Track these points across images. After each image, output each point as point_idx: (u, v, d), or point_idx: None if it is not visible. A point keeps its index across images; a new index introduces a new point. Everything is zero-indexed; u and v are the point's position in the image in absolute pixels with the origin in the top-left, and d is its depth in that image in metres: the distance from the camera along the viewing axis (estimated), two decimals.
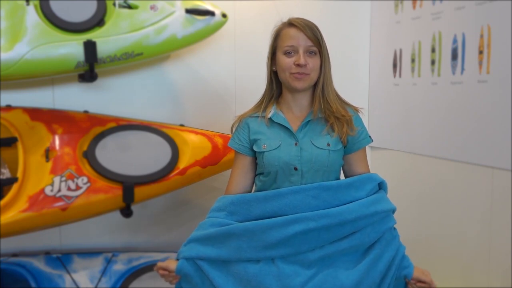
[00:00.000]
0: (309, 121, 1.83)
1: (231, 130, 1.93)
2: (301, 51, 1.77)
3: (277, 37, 1.84)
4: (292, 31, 1.79)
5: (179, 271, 1.80)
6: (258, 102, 1.92)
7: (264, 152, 1.82)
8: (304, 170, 1.77)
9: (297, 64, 1.77)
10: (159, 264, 1.82)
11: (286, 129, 1.83)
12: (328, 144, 1.79)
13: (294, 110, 1.85)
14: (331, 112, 1.81)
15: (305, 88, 1.82)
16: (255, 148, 1.85)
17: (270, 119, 1.85)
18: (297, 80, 1.78)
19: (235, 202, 1.82)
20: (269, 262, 1.75)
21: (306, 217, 1.71)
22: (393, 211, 1.84)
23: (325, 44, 1.82)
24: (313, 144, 1.79)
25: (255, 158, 1.88)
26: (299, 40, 1.77)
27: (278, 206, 1.75)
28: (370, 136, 1.88)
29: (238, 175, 1.90)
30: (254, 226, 1.75)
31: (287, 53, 1.79)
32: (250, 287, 1.74)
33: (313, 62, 1.78)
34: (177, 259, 1.82)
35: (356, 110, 1.88)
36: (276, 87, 1.89)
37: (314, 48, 1.79)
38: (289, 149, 1.79)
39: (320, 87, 1.82)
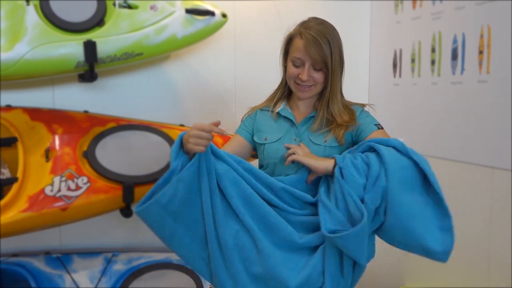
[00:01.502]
0: (312, 117, 1.85)
1: (242, 119, 1.96)
2: (306, 66, 1.78)
3: (289, 42, 1.83)
4: (302, 44, 1.77)
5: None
6: (271, 95, 1.94)
7: (264, 144, 1.86)
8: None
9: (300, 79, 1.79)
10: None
11: (290, 124, 1.86)
12: (325, 140, 1.81)
13: (301, 108, 1.89)
14: (334, 120, 1.82)
15: (308, 98, 1.85)
16: (256, 139, 1.89)
17: (278, 113, 1.88)
18: (301, 91, 1.82)
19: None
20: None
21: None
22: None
23: (336, 56, 1.80)
24: (310, 140, 1.82)
25: (250, 146, 1.91)
26: (306, 55, 1.77)
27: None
28: (378, 125, 1.82)
29: (225, 148, 1.89)
30: (260, 173, 1.76)
31: (295, 64, 1.80)
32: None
33: (318, 76, 1.79)
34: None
35: (362, 106, 1.89)
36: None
37: (320, 65, 1.78)
38: (288, 143, 1.83)
39: (326, 100, 1.82)
